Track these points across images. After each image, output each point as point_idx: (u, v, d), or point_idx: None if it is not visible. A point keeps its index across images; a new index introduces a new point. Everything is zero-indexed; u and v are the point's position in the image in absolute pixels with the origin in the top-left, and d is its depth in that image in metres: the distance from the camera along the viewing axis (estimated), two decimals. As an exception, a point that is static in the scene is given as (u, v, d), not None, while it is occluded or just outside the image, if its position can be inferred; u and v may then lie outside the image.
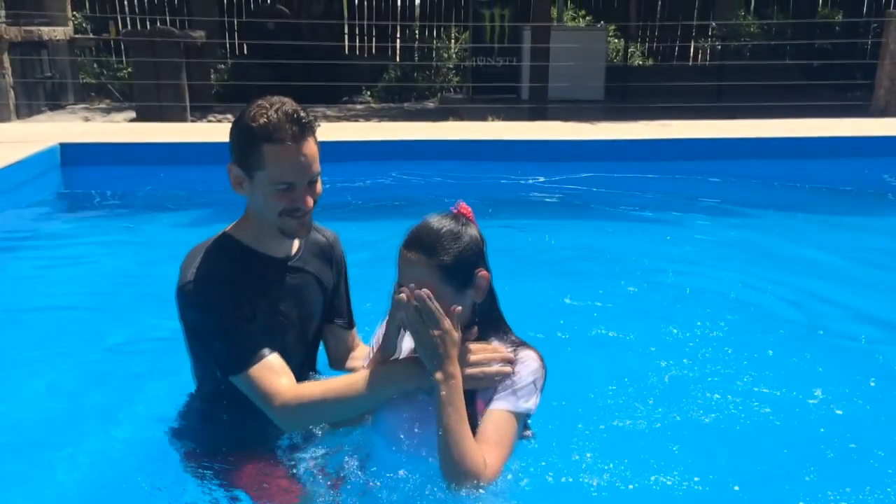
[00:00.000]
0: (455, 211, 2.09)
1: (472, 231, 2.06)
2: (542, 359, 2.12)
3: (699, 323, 3.70)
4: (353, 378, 2.11)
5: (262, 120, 2.08)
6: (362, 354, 2.56)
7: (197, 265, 2.17)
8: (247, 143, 2.10)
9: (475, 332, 2.10)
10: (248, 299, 2.17)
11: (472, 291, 2.06)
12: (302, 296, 2.33)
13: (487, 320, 2.14)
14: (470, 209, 2.10)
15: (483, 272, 2.06)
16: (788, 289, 4.38)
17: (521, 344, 2.15)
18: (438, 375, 1.97)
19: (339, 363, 2.58)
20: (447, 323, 1.98)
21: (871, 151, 7.43)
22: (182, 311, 2.19)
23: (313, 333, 2.44)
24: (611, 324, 3.66)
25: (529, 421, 2.19)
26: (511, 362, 2.07)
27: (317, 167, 2.17)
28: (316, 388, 2.13)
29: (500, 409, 2.04)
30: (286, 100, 2.13)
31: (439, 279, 2.00)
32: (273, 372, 2.10)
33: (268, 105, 2.11)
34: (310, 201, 2.16)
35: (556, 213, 6.19)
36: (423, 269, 2.00)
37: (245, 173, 2.15)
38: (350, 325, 2.59)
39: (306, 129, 2.12)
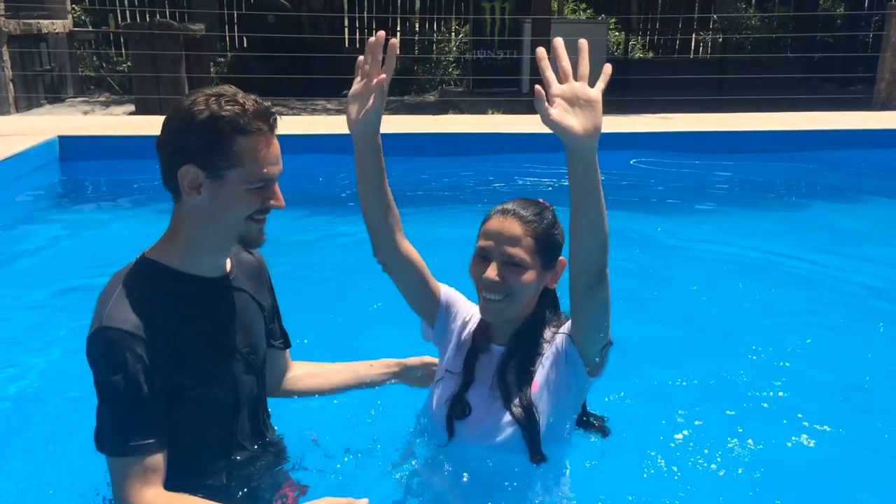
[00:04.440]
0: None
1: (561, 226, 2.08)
2: None
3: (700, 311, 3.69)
4: None
5: (233, 108, 1.78)
6: (305, 372, 2.34)
7: (114, 306, 1.80)
8: (215, 137, 1.78)
9: None
10: (173, 342, 1.82)
11: (549, 275, 2.06)
12: (245, 318, 2.01)
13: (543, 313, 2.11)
14: None
15: (563, 259, 2.06)
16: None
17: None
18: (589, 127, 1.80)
19: (274, 388, 2.26)
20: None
21: (872, 144, 7.42)
22: (89, 361, 1.81)
23: (261, 361, 2.09)
24: (616, 320, 3.64)
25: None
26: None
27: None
28: None
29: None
30: (233, 87, 1.85)
31: (531, 248, 2.00)
32: (140, 477, 1.78)
33: (227, 93, 1.81)
34: (282, 199, 1.88)
35: (558, 207, 6.18)
36: (519, 232, 2.00)
37: (210, 175, 1.81)
38: (287, 343, 2.29)
39: (275, 116, 1.87)
